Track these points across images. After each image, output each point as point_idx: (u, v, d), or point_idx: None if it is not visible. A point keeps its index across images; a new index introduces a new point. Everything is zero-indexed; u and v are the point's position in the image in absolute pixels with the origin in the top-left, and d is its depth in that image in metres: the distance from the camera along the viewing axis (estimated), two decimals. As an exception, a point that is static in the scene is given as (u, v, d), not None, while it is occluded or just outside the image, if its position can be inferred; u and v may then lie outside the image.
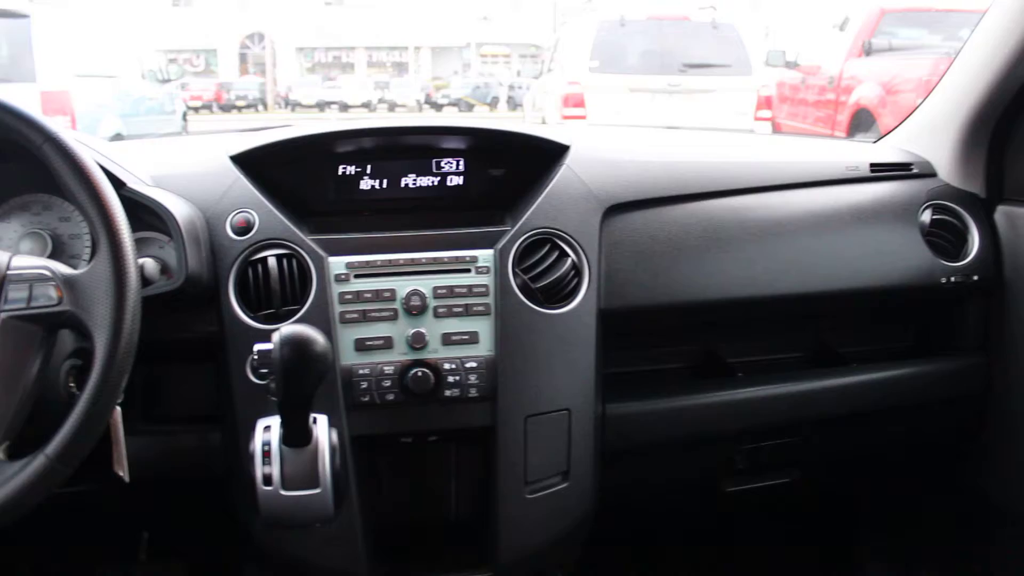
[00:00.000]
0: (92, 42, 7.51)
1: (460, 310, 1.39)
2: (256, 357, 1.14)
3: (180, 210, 1.31)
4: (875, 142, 2.02)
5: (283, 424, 1.16)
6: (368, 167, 1.51)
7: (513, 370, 1.39)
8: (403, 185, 1.52)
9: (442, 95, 33.63)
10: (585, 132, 1.94)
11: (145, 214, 1.30)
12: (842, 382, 1.67)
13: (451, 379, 1.37)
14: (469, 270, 1.41)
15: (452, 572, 1.44)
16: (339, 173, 1.50)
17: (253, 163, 1.46)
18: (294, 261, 1.38)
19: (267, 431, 1.18)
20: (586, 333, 1.45)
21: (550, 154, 1.54)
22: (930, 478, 2.01)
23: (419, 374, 1.35)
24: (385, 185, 1.52)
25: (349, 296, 1.37)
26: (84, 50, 7.16)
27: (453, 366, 1.37)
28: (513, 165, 1.54)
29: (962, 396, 1.77)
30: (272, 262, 1.37)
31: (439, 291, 1.38)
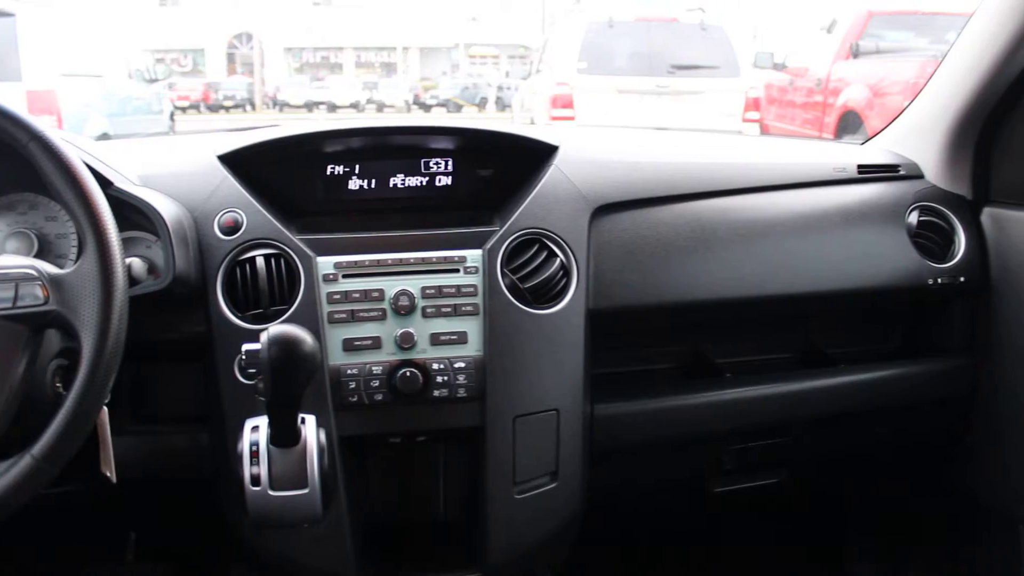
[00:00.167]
0: (78, 41, 7.46)
1: (448, 310, 1.38)
2: (244, 357, 1.14)
3: (168, 209, 1.31)
4: (863, 144, 2.03)
5: (271, 424, 1.16)
6: (356, 167, 1.50)
7: (502, 370, 1.39)
8: (391, 185, 1.52)
9: (430, 96, 33.60)
10: (574, 133, 1.94)
11: (132, 213, 1.30)
12: (830, 383, 1.68)
13: (439, 379, 1.37)
14: (458, 270, 1.40)
15: (441, 572, 1.44)
16: (327, 173, 1.50)
17: (241, 163, 1.45)
18: (282, 261, 1.37)
19: (255, 431, 1.18)
20: (574, 333, 1.45)
21: (539, 154, 1.54)
22: (918, 479, 2.02)
23: (407, 374, 1.34)
24: (373, 185, 1.51)
25: (337, 296, 1.36)
26: (70, 49, 7.11)
27: (441, 366, 1.37)
28: (502, 165, 1.54)
29: (949, 397, 1.78)
30: (260, 262, 1.36)
31: (427, 291, 1.38)
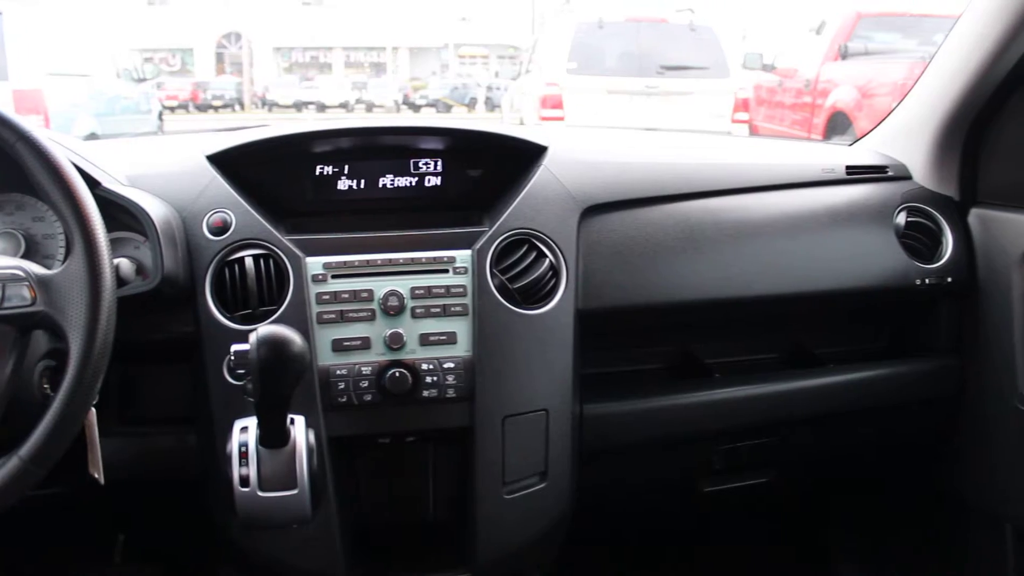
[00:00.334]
0: (66, 40, 7.41)
1: (438, 310, 1.38)
2: (233, 358, 1.14)
3: (156, 210, 1.30)
4: (851, 145, 2.03)
5: (260, 425, 1.16)
6: (346, 167, 1.50)
7: (491, 370, 1.39)
8: (381, 185, 1.52)
9: (420, 96, 33.52)
10: (563, 133, 1.95)
11: (120, 214, 1.29)
12: (818, 383, 1.68)
13: (429, 380, 1.36)
14: (447, 270, 1.40)
15: (430, 572, 1.44)
16: (316, 173, 1.50)
17: (230, 163, 1.45)
18: (271, 261, 1.37)
19: (244, 432, 1.18)
20: (564, 334, 1.45)
21: (528, 155, 1.54)
22: (906, 479, 2.03)
23: (397, 375, 1.34)
24: (363, 185, 1.51)
25: (326, 296, 1.36)
26: (58, 48, 7.06)
27: (431, 367, 1.37)
28: (491, 166, 1.54)
29: (936, 397, 1.79)
30: (249, 262, 1.36)
31: (417, 291, 1.38)
